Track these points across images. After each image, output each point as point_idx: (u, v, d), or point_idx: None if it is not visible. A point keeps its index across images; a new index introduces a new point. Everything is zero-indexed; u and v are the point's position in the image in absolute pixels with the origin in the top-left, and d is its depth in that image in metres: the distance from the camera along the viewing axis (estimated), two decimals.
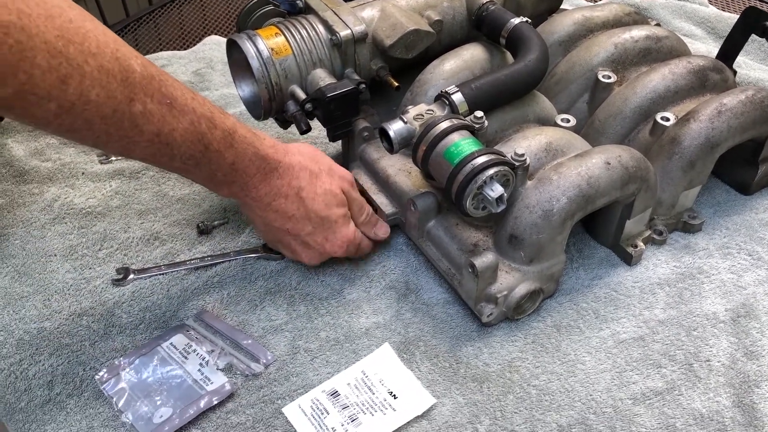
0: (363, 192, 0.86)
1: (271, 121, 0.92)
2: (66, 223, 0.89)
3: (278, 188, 0.73)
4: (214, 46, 1.23)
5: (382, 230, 0.82)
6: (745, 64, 1.11)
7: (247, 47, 0.80)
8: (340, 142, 0.93)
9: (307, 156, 0.76)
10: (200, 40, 1.26)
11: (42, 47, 0.50)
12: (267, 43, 0.80)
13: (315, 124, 0.86)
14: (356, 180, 0.87)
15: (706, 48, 1.15)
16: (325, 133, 0.86)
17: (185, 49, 1.25)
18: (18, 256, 0.84)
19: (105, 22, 1.71)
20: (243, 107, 0.91)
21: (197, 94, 0.66)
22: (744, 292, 0.79)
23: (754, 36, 0.91)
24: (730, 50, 0.93)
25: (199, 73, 1.16)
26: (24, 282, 0.81)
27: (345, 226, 0.77)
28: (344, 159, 0.93)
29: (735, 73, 0.93)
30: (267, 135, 0.73)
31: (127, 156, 0.64)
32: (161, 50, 1.26)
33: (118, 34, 1.31)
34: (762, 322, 0.76)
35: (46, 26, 0.50)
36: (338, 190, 0.77)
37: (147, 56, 1.20)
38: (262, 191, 0.72)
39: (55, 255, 0.84)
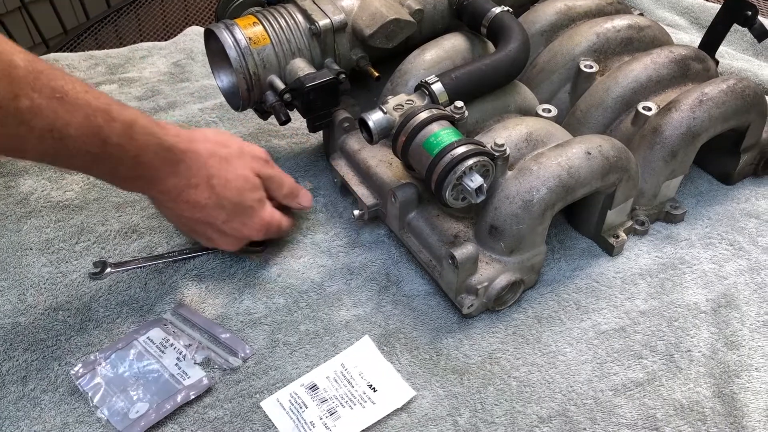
0: (344, 184, 0.85)
1: (251, 113, 0.91)
2: (42, 216, 0.87)
3: (187, 179, 0.70)
4: (195, 37, 1.21)
5: (305, 199, 0.82)
6: (728, 54, 1.11)
7: (225, 37, 0.78)
8: (320, 133, 0.92)
9: (215, 141, 0.74)
10: (182, 30, 1.25)
11: None
12: (245, 33, 0.79)
13: (296, 115, 0.85)
14: (336, 170, 0.86)
15: (690, 38, 1.14)
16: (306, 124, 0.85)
17: (167, 40, 1.23)
18: None
19: (86, 14, 1.70)
20: (223, 98, 0.90)
21: (92, 87, 0.63)
22: (725, 282, 0.79)
23: (737, 26, 0.91)
24: (712, 40, 0.93)
25: (179, 64, 1.15)
26: None
27: (261, 210, 0.76)
28: (325, 150, 0.92)
29: (717, 63, 0.92)
30: (171, 124, 0.71)
31: (21, 156, 0.61)
32: (142, 41, 1.24)
33: (99, 25, 1.27)
34: (743, 312, 0.76)
35: None
36: (251, 174, 0.75)
37: (127, 47, 1.19)
38: (170, 183, 0.70)
39: (31, 249, 0.83)
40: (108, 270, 0.80)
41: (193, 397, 0.68)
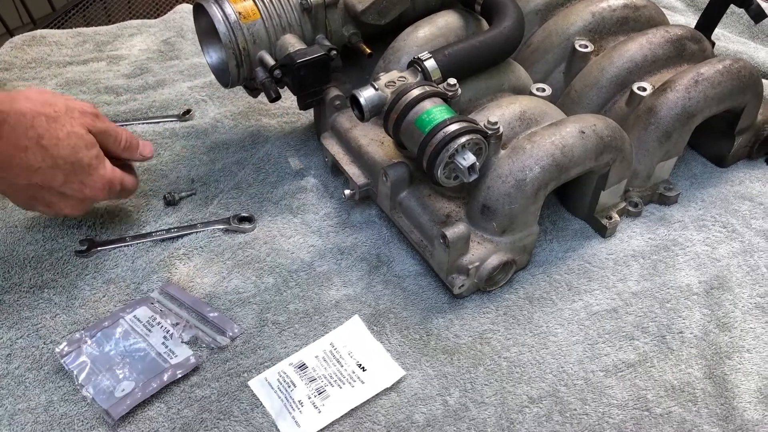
0: (335, 163, 0.84)
1: (241, 91, 0.89)
2: None
3: (14, 142, 0.66)
4: (185, 14, 1.19)
5: (147, 149, 0.78)
6: (724, 36, 1.10)
7: (214, 11, 0.77)
8: (311, 111, 0.90)
9: (38, 101, 0.69)
10: (172, 8, 1.23)
11: None
12: (234, 7, 0.77)
13: (286, 94, 0.84)
14: (327, 150, 0.85)
15: (686, 20, 1.13)
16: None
17: (156, 17, 1.21)
18: None
19: None
20: (212, 77, 0.89)
21: None
22: (718, 264, 0.79)
23: (733, 9, 0.90)
24: (708, 21, 0.92)
25: (169, 42, 1.13)
26: None
27: (101, 167, 0.72)
28: (316, 128, 0.91)
29: (713, 44, 0.91)
30: None
31: None
32: (132, 18, 1.22)
33: (88, 2, 1.24)
34: (735, 294, 0.76)
35: None
36: (83, 130, 0.70)
37: (116, 24, 1.17)
38: None
39: (17, 226, 0.82)
40: (95, 248, 0.79)
41: (180, 375, 0.67)
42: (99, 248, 0.79)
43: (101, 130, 0.73)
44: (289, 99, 0.92)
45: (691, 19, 1.13)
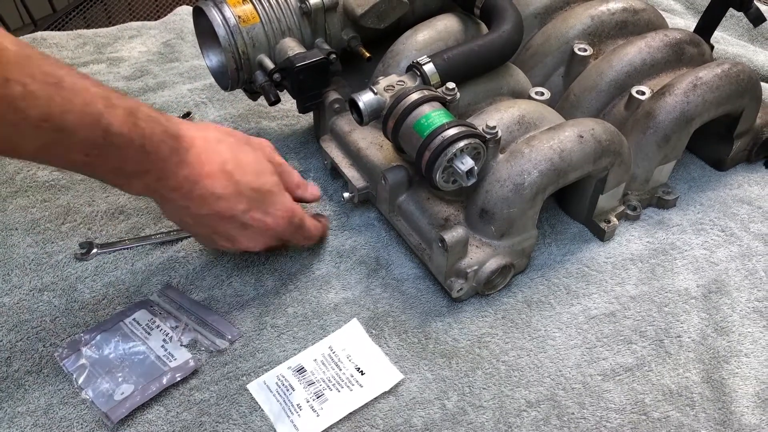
0: (334, 166, 0.84)
1: (240, 94, 0.89)
2: (28, 196, 0.86)
3: (199, 168, 0.64)
4: (185, 16, 1.19)
5: (315, 189, 0.77)
6: (723, 39, 1.10)
7: (213, 14, 0.77)
8: (311, 114, 0.91)
9: (219, 130, 0.70)
10: (172, 10, 1.23)
11: None
12: (234, 11, 0.78)
13: (286, 96, 0.84)
14: (326, 153, 0.85)
15: (685, 23, 1.13)
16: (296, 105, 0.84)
17: (157, 19, 1.22)
18: None
19: None
20: (212, 79, 0.89)
21: (88, 75, 0.58)
22: (716, 268, 0.79)
23: (732, 12, 0.90)
24: (708, 24, 0.92)
25: (169, 44, 1.13)
26: None
27: (282, 195, 0.71)
28: (315, 131, 0.91)
29: (712, 47, 0.91)
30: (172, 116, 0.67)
31: (16, 154, 0.55)
32: (132, 20, 1.22)
33: (89, 4, 1.25)
34: (733, 298, 0.76)
35: None
36: (264, 158, 0.70)
37: (116, 26, 1.18)
38: (182, 175, 0.63)
39: (17, 229, 0.82)
40: (94, 251, 0.79)
41: (179, 379, 0.67)
42: (98, 251, 0.79)
43: (278, 163, 0.73)
44: (288, 102, 0.92)
45: (690, 22, 1.13)
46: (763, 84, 0.89)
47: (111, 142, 0.57)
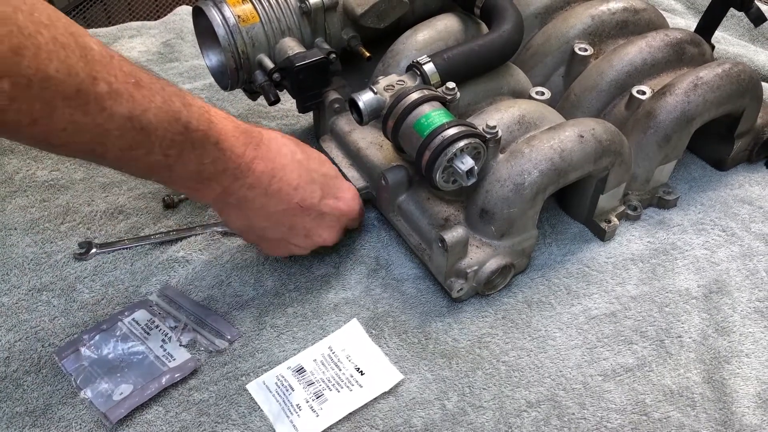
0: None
1: (240, 93, 0.89)
2: (27, 196, 0.86)
3: (273, 160, 0.65)
4: (185, 16, 1.19)
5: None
6: (724, 39, 1.10)
7: (213, 14, 0.77)
8: (311, 114, 0.90)
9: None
10: (172, 10, 1.23)
11: None
12: (234, 11, 0.77)
13: (285, 96, 0.84)
14: (326, 152, 0.85)
15: (686, 23, 1.13)
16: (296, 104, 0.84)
17: (156, 19, 1.22)
18: None
19: None
20: (212, 79, 0.88)
21: (161, 77, 0.60)
22: (717, 268, 0.78)
23: (733, 12, 0.90)
24: (708, 24, 0.92)
25: (168, 44, 1.13)
26: None
27: (343, 180, 0.74)
28: (315, 131, 0.91)
29: (713, 48, 0.91)
30: None
31: (101, 158, 0.55)
32: (132, 20, 1.22)
33: (89, 3, 1.24)
34: (734, 298, 0.75)
35: None
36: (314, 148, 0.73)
37: (116, 26, 1.17)
38: (258, 170, 0.64)
39: (15, 229, 0.82)
40: (93, 251, 0.79)
41: (178, 379, 0.67)
42: (98, 251, 0.79)
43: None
44: (288, 102, 0.92)
45: (691, 22, 1.12)
46: (764, 84, 0.89)
47: (190, 140, 0.58)
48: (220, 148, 0.61)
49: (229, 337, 0.71)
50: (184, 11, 1.21)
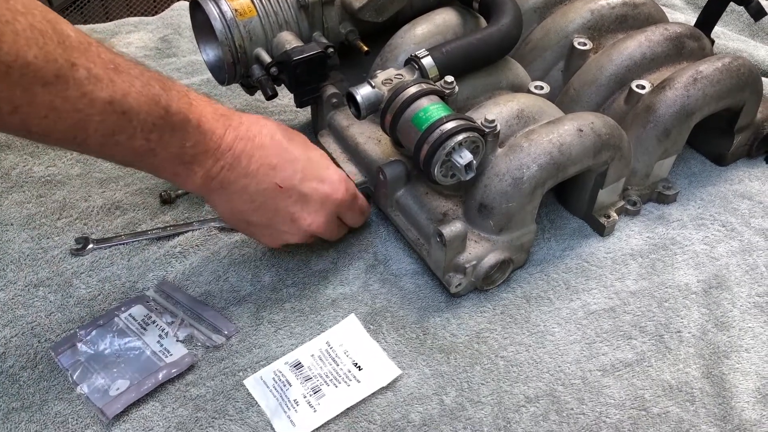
0: (332, 161, 0.83)
1: (238, 89, 0.89)
2: (24, 191, 0.85)
3: (252, 140, 0.65)
4: (183, 12, 1.19)
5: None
6: (724, 34, 1.09)
7: (210, 8, 0.76)
8: (308, 109, 0.90)
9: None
10: (170, 5, 1.22)
11: None
12: (231, 4, 0.77)
13: (283, 91, 0.83)
14: (324, 147, 0.84)
15: (685, 18, 1.13)
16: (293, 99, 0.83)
17: (154, 14, 1.21)
18: None
19: None
20: (210, 74, 0.88)
21: (139, 62, 0.60)
22: (716, 263, 0.78)
23: (733, 6, 0.89)
24: (708, 18, 0.91)
25: (166, 39, 1.13)
26: None
27: (332, 165, 0.72)
28: (313, 126, 0.91)
29: (713, 42, 0.91)
30: None
31: (84, 145, 0.56)
32: (130, 16, 1.22)
33: None
34: (733, 293, 0.75)
35: None
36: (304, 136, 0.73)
37: (114, 22, 1.17)
38: (239, 149, 0.64)
39: (12, 224, 0.81)
40: (90, 246, 0.79)
41: (175, 374, 0.67)
42: (94, 247, 0.79)
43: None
44: (286, 96, 0.92)
45: (690, 17, 1.12)
46: (763, 78, 0.88)
47: (171, 123, 0.59)
48: (200, 131, 0.62)
49: (226, 332, 0.71)
50: (182, 7, 1.21)
